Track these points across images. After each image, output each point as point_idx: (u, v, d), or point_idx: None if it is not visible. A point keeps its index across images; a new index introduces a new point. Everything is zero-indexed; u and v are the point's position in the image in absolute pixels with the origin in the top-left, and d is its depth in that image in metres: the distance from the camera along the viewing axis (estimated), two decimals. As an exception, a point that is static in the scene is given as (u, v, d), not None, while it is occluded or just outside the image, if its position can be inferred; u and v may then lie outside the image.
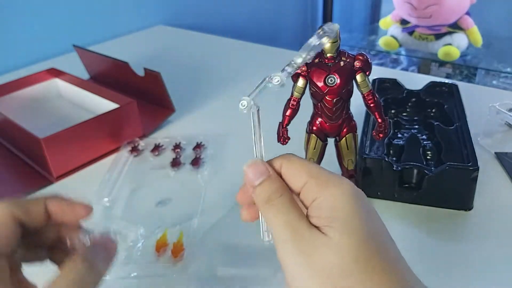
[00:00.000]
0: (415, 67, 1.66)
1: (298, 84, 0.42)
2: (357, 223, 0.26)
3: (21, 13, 1.02)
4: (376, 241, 0.26)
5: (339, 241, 0.25)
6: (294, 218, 0.27)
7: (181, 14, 1.37)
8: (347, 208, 0.26)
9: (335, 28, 0.32)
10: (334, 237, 0.25)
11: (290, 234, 0.26)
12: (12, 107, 0.76)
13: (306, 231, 0.26)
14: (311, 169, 0.28)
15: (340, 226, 0.26)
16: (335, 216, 0.26)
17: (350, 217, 0.26)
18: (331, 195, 0.27)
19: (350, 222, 0.26)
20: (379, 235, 0.27)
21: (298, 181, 0.28)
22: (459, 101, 0.64)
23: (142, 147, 0.66)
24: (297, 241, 0.26)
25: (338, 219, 0.26)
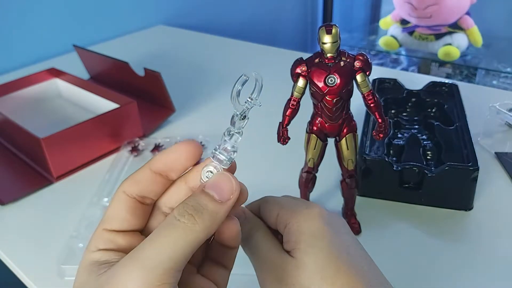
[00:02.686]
0: (415, 67, 1.66)
1: (298, 84, 0.42)
2: (321, 242, 0.27)
3: (21, 13, 1.02)
4: (342, 256, 0.27)
5: (305, 261, 0.26)
6: (269, 250, 0.28)
7: (181, 14, 1.37)
8: (312, 230, 0.28)
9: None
10: (300, 258, 0.27)
11: (265, 264, 0.28)
12: (12, 107, 0.76)
13: (278, 258, 0.28)
14: (282, 202, 0.30)
15: (305, 247, 0.27)
16: (300, 239, 0.27)
17: (313, 237, 0.27)
18: (297, 220, 0.28)
19: (314, 242, 0.27)
20: (346, 248, 0.27)
21: (272, 215, 0.30)
22: (459, 101, 0.64)
23: (142, 147, 0.66)
24: (271, 269, 0.27)
25: (303, 240, 0.27)
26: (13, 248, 0.50)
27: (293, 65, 0.42)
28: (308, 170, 0.47)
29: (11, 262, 0.48)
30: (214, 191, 0.24)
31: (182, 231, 0.23)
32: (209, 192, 0.24)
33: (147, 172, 0.26)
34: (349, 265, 0.26)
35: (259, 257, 0.29)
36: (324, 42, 0.39)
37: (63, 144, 0.59)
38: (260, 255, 0.29)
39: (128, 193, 0.26)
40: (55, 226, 0.52)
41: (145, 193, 0.26)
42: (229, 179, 0.25)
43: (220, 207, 0.24)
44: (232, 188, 0.25)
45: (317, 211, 0.29)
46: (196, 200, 0.24)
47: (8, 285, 0.68)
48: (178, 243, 0.22)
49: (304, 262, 0.26)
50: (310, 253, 0.27)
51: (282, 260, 0.27)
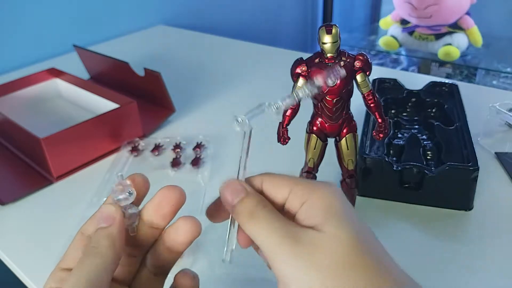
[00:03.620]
0: (415, 67, 1.66)
1: (298, 84, 0.42)
2: (351, 220, 0.26)
3: (21, 13, 1.02)
4: (371, 238, 0.27)
5: (340, 235, 0.25)
6: (283, 225, 0.26)
7: (181, 14, 1.37)
8: (339, 206, 0.27)
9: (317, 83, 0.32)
10: (333, 232, 0.25)
11: (283, 240, 0.26)
12: (12, 107, 0.76)
13: (300, 233, 0.26)
14: (294, 179, 0.29)
15: (337, 221, 0.26)
16: (329, 213, 0.26)
17: (344, 214, 0.26)
18: (320, 195, 0.27)
19: (345, 218, 0.26)
20: (371, 234, 0.27)
21: (282, 192, 0.28)
22: (459, 101, 0.64)
23: (142, 147, 0.66)
24: (292, 245, 0.25)
25: (334, 215, 0.26)
26: (13, 248, 0.50)
27: (293, 65, 0.42)
28: (308, 170, 0.47)
29: (11, 262, 0.48)
30: (101, 221, 0.28)
31: (91, 257, 0.26)
32: (99, 224, 0.28)
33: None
34: (376, 246, 0.26)
35: (273, 233, 0.26)
36: (324, 42, 0.39)
37: (63, 144, 0.59)
38: (274, 231, 0.26)
39: (84, 232, 0.29)
40: (55, 226, 0.52)
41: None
42: (108, 207, 0.29)
43: (110, 229, 0.28)
44: (113, 211, 0.29)
45: (337, 188, 0.28)
46: (94, 235, 0.28)
47: (8, 285, 0.68)
48: (92, 266, 0.26)
49: (337, 235, 0.25)
50: (342, 227, 0.25)
51: (306, 235, 0.26)
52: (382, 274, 0.25)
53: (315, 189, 0.27)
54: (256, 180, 0.29)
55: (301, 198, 0.27)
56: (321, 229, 0.26)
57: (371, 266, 0.25)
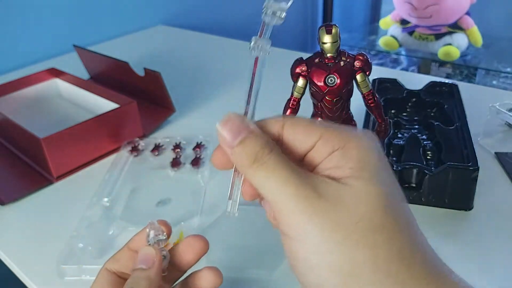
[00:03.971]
0: (415, 67, 1.66)
1: (298, 84, 0.42)
2: (385, 176, 0.23)
3: (21, 13, 1.02)
4: (401, 200, 0.23)
5: (370, 191, 0.22)
6: (296, 172, 0.22)
7: (181, 14, 1.37)
8: (375, 159, 0.23)
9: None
10: (362, 187, 0.22)
11: (297, 191, 0.21)
12: (12, 107, 0.76)
13: (319, 183, 0.22)
14: (325, 124, 0.24)
15: (369, 176, 0.22)
16: (363, 166, 0.22)
17: (378, 168, 0.23)
18: (357, 144, 0.23)
19: (381, 175, 0.23)
20: (402, 196, 0.24)
21: (309, 137, 0.24)
22: (459, 101, 0.64)
23: (142, 147, 0.66)
24: (308, 198, 0.21)
25: (367, 169, 0.22)
26: (13, 248, 0.50)
27: (293, 65, 0.42)
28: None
29: (11, 262, 0.48)
30: (141, 263, 0.30)
31: None
32: (139, 266, 0.30)
33: (125, 250, 0.32)
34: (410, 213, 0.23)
35: (284, 183, 0.22)
36: (324, 42, 0.40)
37: (63, 144, 0.59)
38: (286, 181, 0.22)
39: (110, 269, 0.31)
40: (55, 226, 0.52)
41: (123, 268, 0.31)
42: (148, 250, 0.30)
43: (149, 271, 0.29)
44: (151, 255, 0.30)
45: (375, 141, 0.24)
46: (133, 275, 0.29)
47: (8, 285, 0.68)
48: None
49: (368, 192, 0.22)
50: (376, 183, 0.22)
51: (329, 186, 0.22)
52: (414, 243, 0.22)
53: (352, 137, 0.23)
54: (274, 124, 0.24)
55: (332, 145, 0.23)
56: (348, 182, 0.22)
57: (402, 232, 0.22)
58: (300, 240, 0.21)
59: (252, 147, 0.23)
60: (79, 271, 0.45)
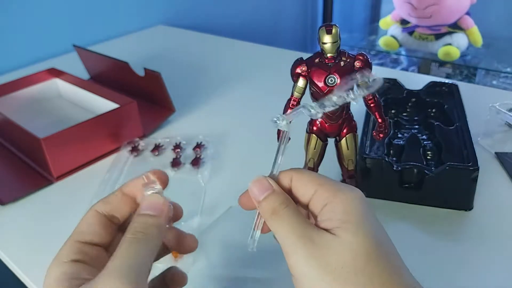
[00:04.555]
0: (415, 67, 1.66)
1: (298, 84, 0.42)
2: (368, 226, 0.27)
3: (21, 13, 1.02)
4: (384, 246, 0.27)
5: (352, 241, 0.26)
6: (301, 225, 0.28)
7: (181, 14, 1.37)
8: (359, 212, 0.28)
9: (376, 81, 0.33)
10: (346, 238, 0.27)
11: (299, 240, 0.27)
12: (12, 107, 0.76)
13: (316, 235, 0.27)
14: (321, 179, 0.30)
15: (352, 228, 0.27)
16: (347, 219, 0.27)
17: (362, 220, 0.28)
18: (342, 200, 0.28)
19: (362, 224, 0.27)
20: (386, 241, 0.28)
21: (308, 191, 0.30)
22: (459, 101, 0.64)
23: (142, 147, 0.66)
24: (307, 246, 0.27)
25: (351, 221, 0.27)
26: (13, 248, 0.50)
27: (293, 65, 0.42)
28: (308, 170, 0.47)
29: (11, 262, 0.48)
30: (149, 210, 0.30)
31: (139, 243, 0.28)
32: (145, 213, 0.30)
33: (118, 194, 0.32)
34: (390, 256, 0.27)
35: (291, 233, 0.28)
36: (324, 42, 0.39)
37: (63, 144, 0.59)
38: (292, 232, 0.28)
39: (100, 211, 0.31)
40: (55, 226, 0.52)
41: (115, 211, 0.31)
42: (157, 198, 0.30)
43: (159, 219, 0.30)
44: (161, 203, 0.30)
45: (360, 194, 0.29)
46: (140, 220, 0.29)
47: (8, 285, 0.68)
48: (140, 252, 0.27)
49: (351, 241, 0.26)
50: (358, 235, 0.27)
51: (321, 237, 0.27)
52: (391, 282, 0.26)
53: (338, 193, 0.29)
54: (286, 175, 0.31)
55: (323, 200, 0.29)
56: (336, 234, 0.27)
57: (381, 274, 0.26)
58: (300, 280, 0.27)
59: (272, 202, 0.30)
60: (79, 271, 0.45)
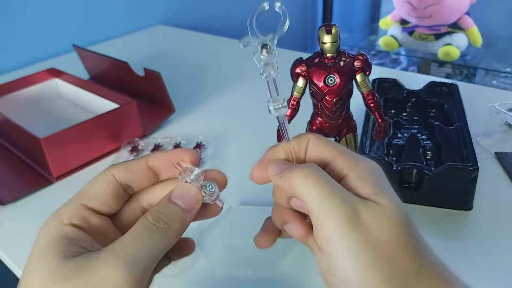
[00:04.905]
0: (415, 67, 1.66)
1: (298, 84, 0.42)
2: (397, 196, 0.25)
3: (21, 13, 1.02)
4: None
5: (394, 210, 0.24)
6: (340, 187, 0.25)
7: (181, 14, 1.37)
8: (386, 181, 0.26)
9: None
10: (390, 206, 0.24)
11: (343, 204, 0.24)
12: (12, 107, 0.76)
13: (360, 203, 0.24)
14: (340, 146, 0.28)
15: (390, 194, 0.25)
16: (381, 184, 0.25)
17: (392, 189, 0.25)
18: (366, 167, 0.26)
19: (394, 194, 0.25)
20: None
21: (326, 156, 0.27)
22: (459, 101, 0.64)
23: (142, 147, 0.66)
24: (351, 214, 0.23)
25: (384, 189, 0.25)
26: (13, 248, 0.50)
27: (293, 65, 0.42)
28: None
29: (11, 262, 0.48)
30: (180, 201, 0.26)
31: (160, 235, 0.25)
32: (176, 202, 0.26)
33: (142, 164, 0.28)
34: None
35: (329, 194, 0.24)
36: (324, 42, 0.39)
37: (63, 144, 0.59)
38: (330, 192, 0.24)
39: (118, 178, 0.27)
40: (55, 226, 0.52)
41: (133, 183, 0.28)
42: (194, 192, 0.27)
43: (187, 215, 0.26)
44: (196, 199, 0.27)
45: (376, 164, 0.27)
46: (167, 208, 0.26)
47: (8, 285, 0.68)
48: (157, 245, 0.24)
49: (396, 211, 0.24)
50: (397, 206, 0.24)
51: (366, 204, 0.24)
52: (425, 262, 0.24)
53: (360, 161, 0.26)
54: (301, 140, 0.29)
55: (343, 169, 0.26)
56: (378, 201, 0.24)
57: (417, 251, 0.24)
58: (332, 253, 0.23)
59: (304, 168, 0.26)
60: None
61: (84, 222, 0.26)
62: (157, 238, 0.25)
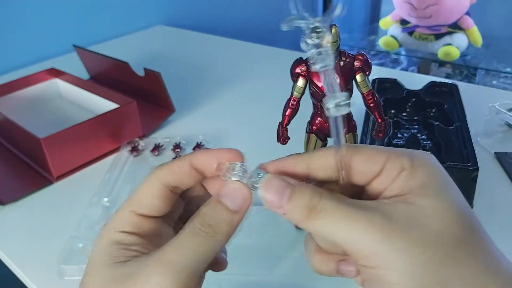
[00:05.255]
0: (415, 67, 1.66)
1: (298, 84, 0.42)
2: (454, 190, 0.23)
3: (21, 13, 1.02)
4: (474, 216, 0.23)
5: (440, 206, 0.22)
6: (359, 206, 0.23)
7: (181, 14, 1.37)
8: (441, 177, 0.24)
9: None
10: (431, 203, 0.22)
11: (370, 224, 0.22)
12: (12, 107, 0.76)
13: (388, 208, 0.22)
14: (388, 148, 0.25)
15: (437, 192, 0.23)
16: (430, 183, 0.23)
17: (445, 184, 0.23)
18: (422, 163, 0.24)
19: (447, 188, 0.23)
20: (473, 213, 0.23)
21: (375, 165, 0.24)
22: (459, 101, 0.64)
23: (142, 147, 0.66)
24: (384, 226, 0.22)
25: (434, 185, 0.23)
26: (13, 248, 0.50)
27: (293, 65, 0.42)
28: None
29: (11, 262, 0.48)
30: (228, 200, 0.25)
31: (204, 239, 0.24)
32: (224, 202, 0.25)
33: (186, 164, 0.27)
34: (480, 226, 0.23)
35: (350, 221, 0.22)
36: (324, 42, 0.39)
37: (63, 144, 0.59)
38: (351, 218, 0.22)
39: (163, 181, 0.27)
40: (55, 226, 0.52)
41: (179, 184, 0.27)
42: (241, 189, 0.25)
43: (235, 216, 0.25)
44: (245, 197, 0.25)
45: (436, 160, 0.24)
46: (214, 210, 0.25)
47: (8, 285, 0.68)
48: (201, 249, 0.24)
49: (440, 207, 0.22)
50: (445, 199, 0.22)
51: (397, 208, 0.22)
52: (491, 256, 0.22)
53: (418, 156, 0.24)
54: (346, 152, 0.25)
55: (401, 164, 0.24)
56: (415, 202, 0.22)
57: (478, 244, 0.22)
58: (386, 269, 0.22)
59: (302, 200, 0.23)
60: (79, 271, 0.45)
61: (135, 228, 0.26)
62: (201, 243, 0.24)
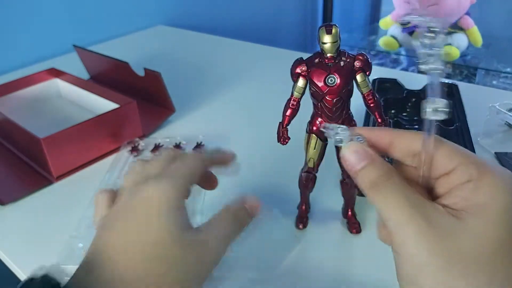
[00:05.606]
0: (415, 67, 1.66)
1: (298, 84, 0.42)
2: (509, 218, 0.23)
3: (21, 13, 1.02)
4: None
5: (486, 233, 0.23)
6: (413, 201, 0.24)
7: (181, 14, 1.37)
8: (506, 201, 0.23)
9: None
10: (478, 227, 0.23)
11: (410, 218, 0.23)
12: (12, 107, 0.76)
13: (433, 213, 0.24)
14: (467, 152, 0.26)
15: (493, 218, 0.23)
16: (489, 206, 0.23)
17: (507, 210, 0.23)
18: (490, 182, 0.24)
19: (506, 215, 0.23)
20: None
21: (450, 162, 0.25)
22: (459, 101, 0.64)
23: (142, 147, 0.66)
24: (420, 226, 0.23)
25: (493, 209, 0.23)
26: (13, 248, 0.50)
27: (293, 65, 0.42)
28: (308, 170, 0.47)
29: (11, 262, 0.48)
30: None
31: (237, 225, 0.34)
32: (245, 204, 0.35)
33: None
34: None
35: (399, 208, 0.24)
36: (324, 42, 0.39)
37: (63, 144, 0.59)
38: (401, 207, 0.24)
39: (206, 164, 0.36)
40: (55, 226, 0.52)
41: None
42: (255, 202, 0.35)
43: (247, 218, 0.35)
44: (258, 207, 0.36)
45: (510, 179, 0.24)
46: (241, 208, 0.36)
47: (8, 285, 0.68)
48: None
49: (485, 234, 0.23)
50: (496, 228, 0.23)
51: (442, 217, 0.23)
52: None
53: (489, 172, 0.24)
54: (430, 143, 0.26)
55: (470, 174, 0.24)
56: (466, 219, 0.23)
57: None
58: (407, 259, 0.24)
59: (372, 174, 0.26)
60: (79, 271, 0.45)
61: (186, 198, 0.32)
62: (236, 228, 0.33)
